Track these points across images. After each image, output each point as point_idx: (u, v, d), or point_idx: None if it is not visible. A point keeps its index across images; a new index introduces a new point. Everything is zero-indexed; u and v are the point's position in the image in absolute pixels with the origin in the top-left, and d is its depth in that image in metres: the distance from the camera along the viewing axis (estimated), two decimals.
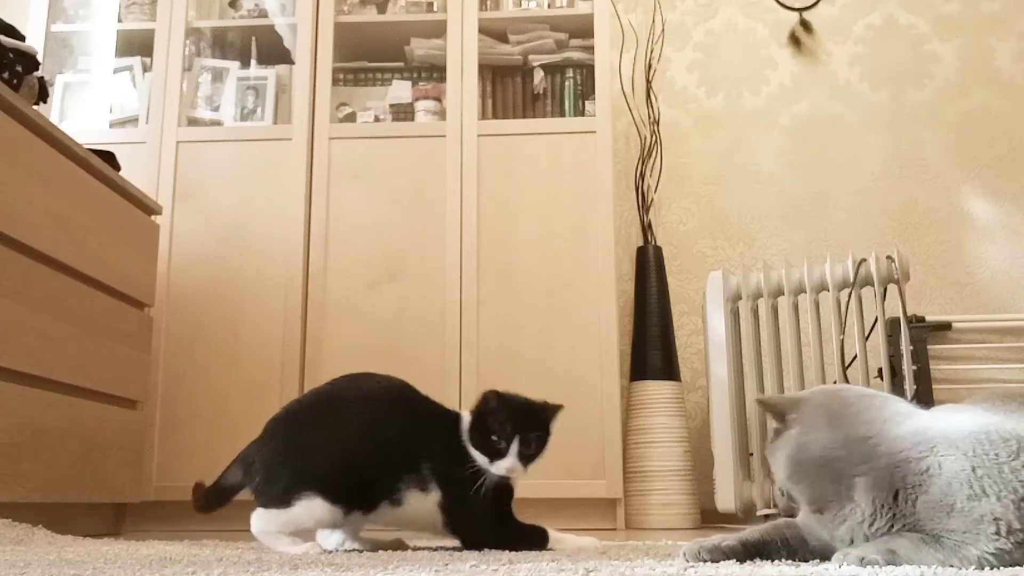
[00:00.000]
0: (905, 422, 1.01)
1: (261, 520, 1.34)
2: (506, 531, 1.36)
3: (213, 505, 1.41)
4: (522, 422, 1.36)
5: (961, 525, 0.92)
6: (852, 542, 1.00)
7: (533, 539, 1.36)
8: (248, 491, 1.38)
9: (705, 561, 1.03)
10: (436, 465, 1.35)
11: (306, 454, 1.34)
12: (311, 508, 1.31)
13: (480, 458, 1.35)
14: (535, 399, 1.42)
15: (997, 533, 0.90)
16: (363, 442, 1.35)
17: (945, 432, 0.98)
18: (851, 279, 2.46)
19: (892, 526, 0.96)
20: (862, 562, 0.94)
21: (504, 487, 1.37)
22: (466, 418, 1.39)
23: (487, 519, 1.36)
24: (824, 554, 1.03)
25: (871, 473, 0.98)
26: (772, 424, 1.10)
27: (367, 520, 1.38)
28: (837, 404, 1.05)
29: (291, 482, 1.33)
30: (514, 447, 1.34)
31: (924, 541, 0.94)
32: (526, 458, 1.36)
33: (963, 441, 0.96)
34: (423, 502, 1.35)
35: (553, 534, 1.38)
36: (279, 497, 1.33)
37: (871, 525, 0.97)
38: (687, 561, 1.04)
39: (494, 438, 1.35)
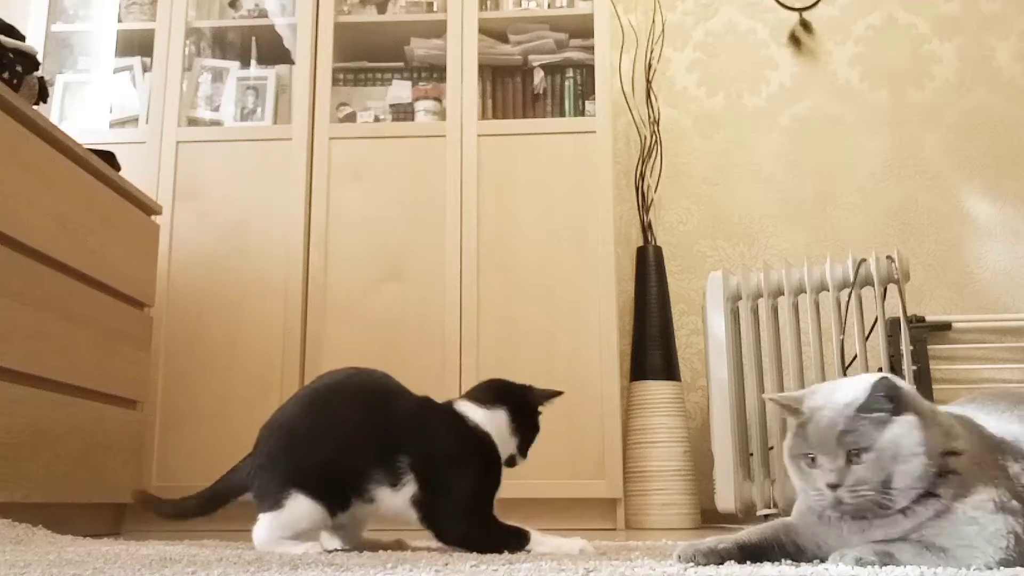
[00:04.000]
0: None
1: (261, 529, 1.35)
2: (494, 530, 1.32)
3: (209, 508, 1.42)
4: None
5: (975, 537, 0.92)
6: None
7: (516, 540, 1.30)
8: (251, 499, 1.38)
9: (701, 564, 1.00)
10: (415, 458, 1.32)
11: (290, 453, 1.35)
12: (299, 506, 1.32)
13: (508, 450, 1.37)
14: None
15: (1007, 547, 0.91)
16: (334, 437, 1.33)
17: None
18: (851, 279, 2.46)
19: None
20: (859, 562, 0.94)
21: (497, 481, 1.37)
22: (474, 409, 1.38)
23: (477, 515, 1.32)
24: (821, 555, 1.02)
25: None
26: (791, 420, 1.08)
27: (348, 518, 1.36)
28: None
29: (280, 482, 1.34)
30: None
31: (928, 550, 0.93)
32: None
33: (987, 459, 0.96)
34: (393, 499, 1.32)
35: (535, 536, 1.31)
36: (272, 500, 1.33)
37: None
38: (681, 563, 1.02)
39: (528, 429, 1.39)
